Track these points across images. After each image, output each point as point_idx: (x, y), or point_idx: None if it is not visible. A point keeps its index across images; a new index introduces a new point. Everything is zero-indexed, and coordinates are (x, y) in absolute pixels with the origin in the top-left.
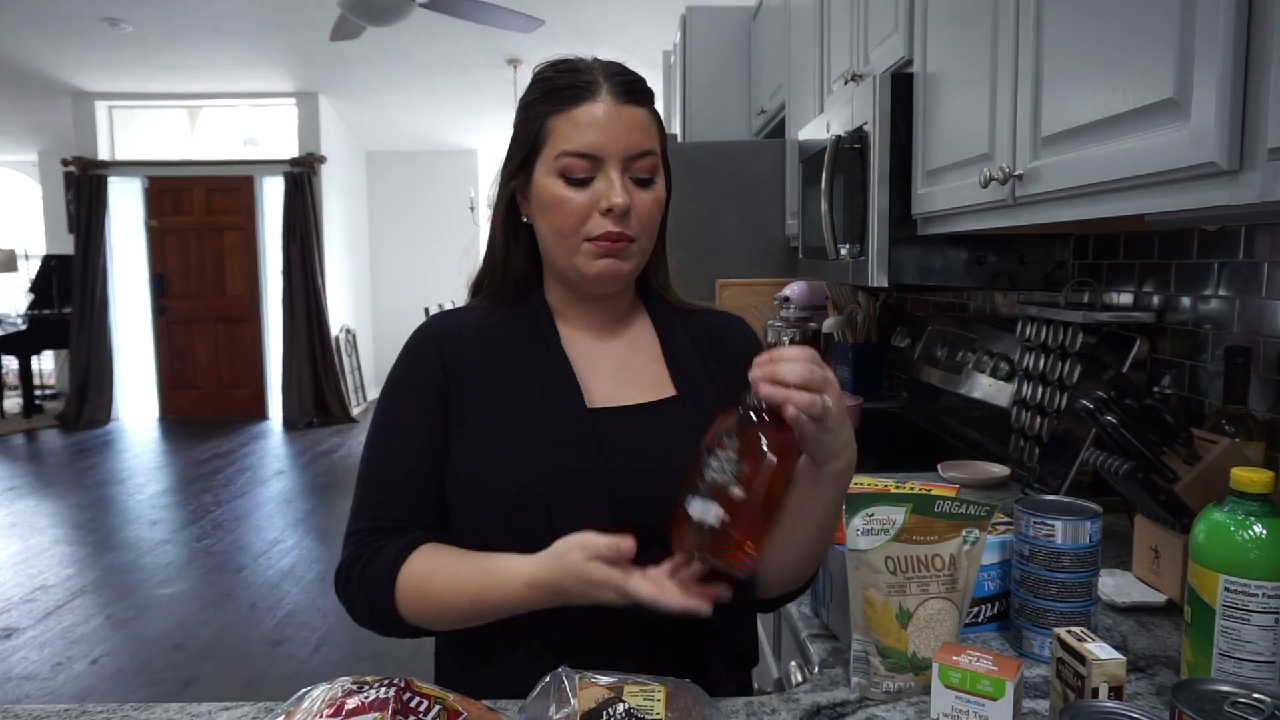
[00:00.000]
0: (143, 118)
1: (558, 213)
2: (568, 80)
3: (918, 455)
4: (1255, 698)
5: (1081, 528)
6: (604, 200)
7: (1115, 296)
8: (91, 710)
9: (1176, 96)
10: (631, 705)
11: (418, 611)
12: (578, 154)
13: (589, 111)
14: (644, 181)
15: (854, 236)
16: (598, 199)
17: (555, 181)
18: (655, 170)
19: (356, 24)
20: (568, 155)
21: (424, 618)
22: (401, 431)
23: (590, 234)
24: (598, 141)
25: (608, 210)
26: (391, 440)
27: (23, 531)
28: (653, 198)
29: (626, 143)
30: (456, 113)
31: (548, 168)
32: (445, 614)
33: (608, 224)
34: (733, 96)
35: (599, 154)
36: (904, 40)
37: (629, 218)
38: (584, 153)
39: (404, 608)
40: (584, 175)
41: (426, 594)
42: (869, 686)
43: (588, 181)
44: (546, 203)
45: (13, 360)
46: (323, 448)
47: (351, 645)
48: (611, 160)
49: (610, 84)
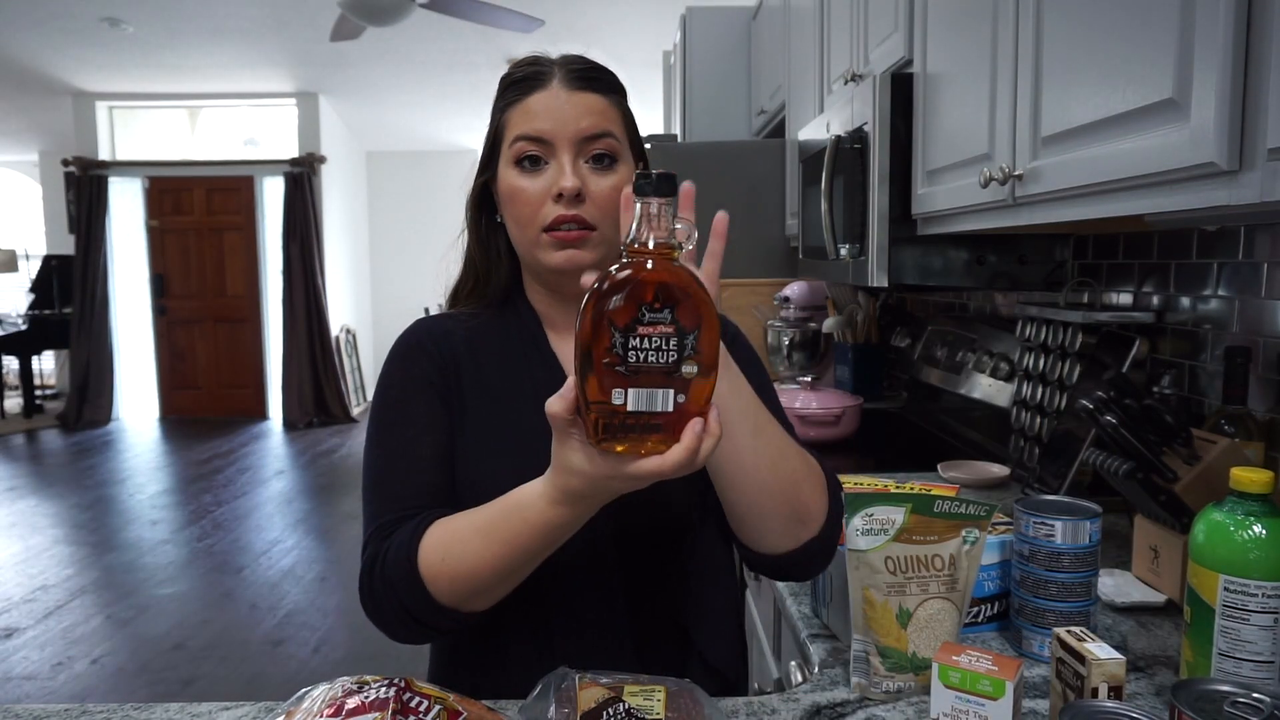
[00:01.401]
0: (143, 118)
1: (515, 202)
2: (523, 73)
3: (918, 455)
4: (1255, 698)
5: (1081, 528)
6: (555, 185)
7: (1115, 296)
8: (92, 710)
9: (1176, 96)
10: (631, 705)
11: (449, 582)
12: (527, 137)
13: (539, 99)
14: (603, 165)
15: (854, 236)
16: (551, 185)
17: (511, 171)
18: (615, 152)
19: (356, 24)
20: (519, 140)
21: (456, 588)
22: (408, 425)
23: (544, 223)
24: (546, 126)
25: (559, 195)
26: (397, 436)
27: (23, 531)
28: (612, 183)
29: (577, 126)
30: (456, 113)
31: (506, 159)
32: (478, 574)
33: (560, 209)
34: (733, 96)
35: (548, 138)
36: (904, 40)
37: (585, 203)
38: (532, 136)
39: (432, 583)
40: (534, 154)
41: (453, 559)
42: (869, 686)
43: (541, 167)
44: (506, 194)
45: (13, 360)
46: (323, 448)
47: (351, 645)
48: (562, 144)
49: (562, 72)
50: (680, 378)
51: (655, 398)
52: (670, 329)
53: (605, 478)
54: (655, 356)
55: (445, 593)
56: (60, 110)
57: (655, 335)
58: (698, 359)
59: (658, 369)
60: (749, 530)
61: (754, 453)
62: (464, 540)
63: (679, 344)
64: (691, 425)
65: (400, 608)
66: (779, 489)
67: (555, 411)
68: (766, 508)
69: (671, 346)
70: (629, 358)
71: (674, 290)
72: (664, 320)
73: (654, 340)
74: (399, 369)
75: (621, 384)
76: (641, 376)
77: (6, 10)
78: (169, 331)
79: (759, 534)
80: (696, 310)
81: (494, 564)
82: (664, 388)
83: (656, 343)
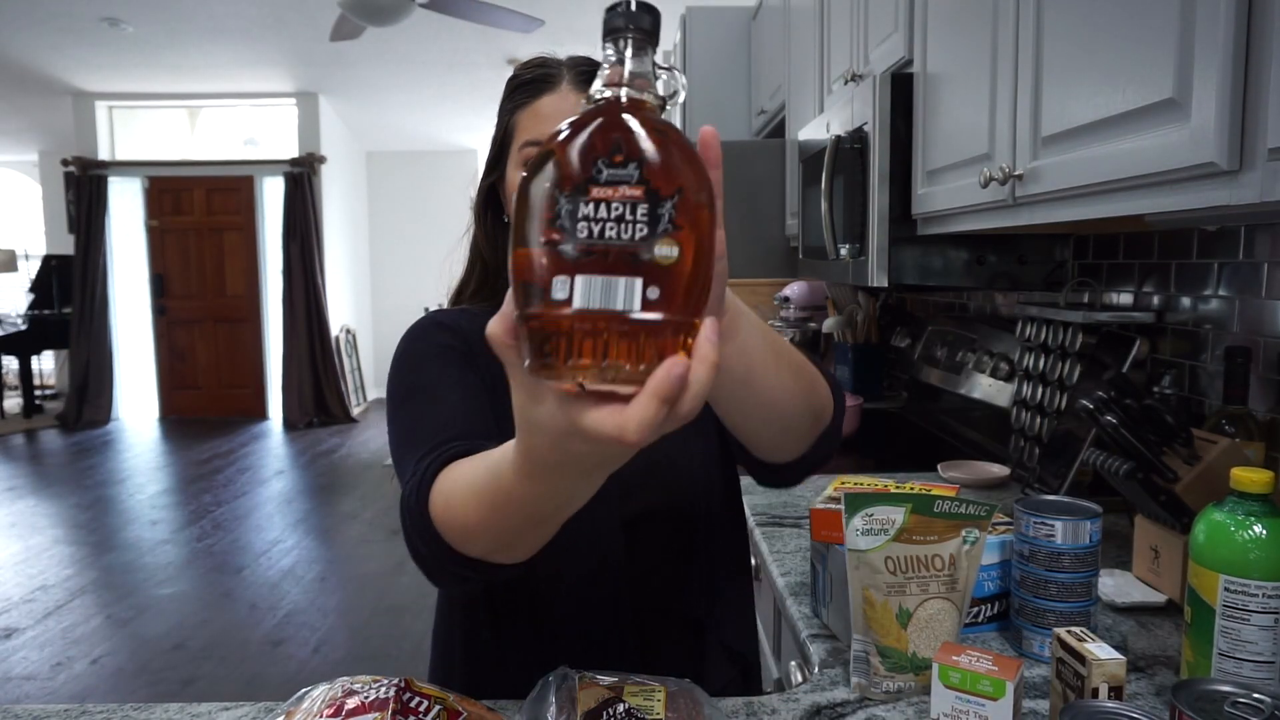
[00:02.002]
0: (143, 118)
1: None
2: (531, 75)
3: (918, 455)
4: (1255, 698)
5: (1081, 528)
6: None
7: (1115, 296)
8: (91, 710)
9: (1176, 96)
10: (631, 705)
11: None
12: (537, 143)
13: (550, 101)
14: None
15: (854, 236)
16: None
17: (520, 173)
18: None
19: (356, 24)
20: (529, 145)
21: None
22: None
23: None
24: None
25: None
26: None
27: (22, 531)
28: None
29: None
30: (456, 113)
31: (514, 161)
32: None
33: None
34: (733, 96)
35: None
36: (904, 40)
37: None
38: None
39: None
40: None
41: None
42: (869, 687)
43: None
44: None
45: (13, 360)
46: (323, 448)
47: (351, 645)
48: None
49: (572, 74)
50: (650, 263)
51: (613, 290)
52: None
53: (563, 433)
54: (614, 229)
55: (459, 543)
56: (60, 110)
57: (616, 201)
58: (676, 237)
59: (615, 248)
60: (770, 447)
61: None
62: (461, 496)
63: (650, 214)
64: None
65: (423, 555)
66: (803, 402)
67: (493, 334)
68: (793, 422)
69: (638, 217)
70: (577, 231)
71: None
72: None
73: (613, 208)
74: (417, 344)
75: (565, 270)
76: (594, 260)
77: (6, 10)
78: (169, 331)
79: (782, 446)
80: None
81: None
82: (626, 275)
83: (617, 210)
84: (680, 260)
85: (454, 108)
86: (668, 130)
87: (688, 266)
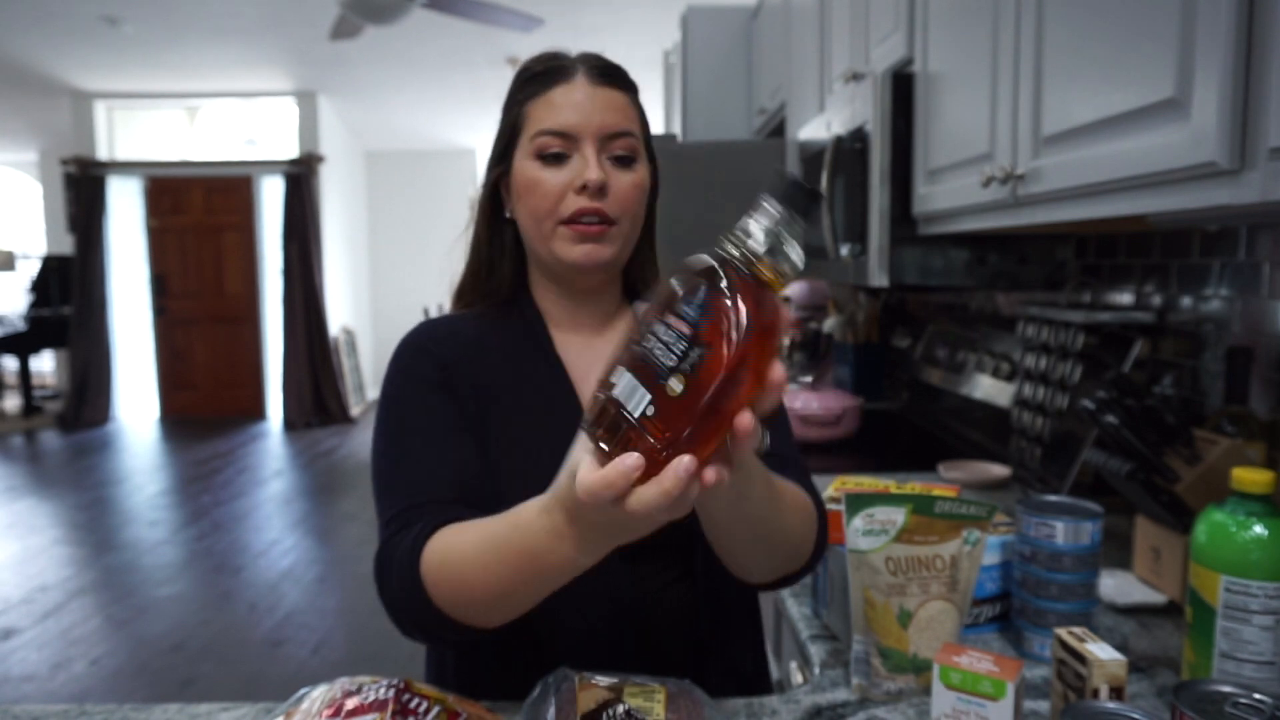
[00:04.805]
0: (142, 117)
1: (534, 194)
2: (544, 67)
3: (918, 455)
4: (1256, 698)
5: (1082, 528)
6: (579, 177)
7: (1116, 296)
8: (91, 711)
9: (1177, 96)
10: (631, 706)
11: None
12: (552, 132)
13: (564, 92)
14: (623, 162)
15: (854, 236)
16: (574, 178)
17: (532, 164)
18: (635, 152)
19: (356, 23)
20: (543, 134)
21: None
22: (412, 420)
23: (564, 215)
24: (572, 120)
25: (583, 187)
26: (402, 432)
27: (22, 532)
28: (633, 180)
29: (602, 121)
30: (456, 113)
31: (525, 151)
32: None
33: (583, 201)
34: (733, 96)
35: (573, 132)
36: (905, 39)
37: (607, 197)
38: (558, 130)
39: (432, 587)
40: (559, 151)
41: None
42: (869, 687)
43: (564, 161)
44: (523, 186)
45: (12, 360)
46: (322, 448)
47: (351, 645)
48: (587, 138)
49: (585, 67)
50: (662, 387)
51: (633, 393)
52: (685, 329)
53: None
54: (659, 351)
55: (448, 604)
56: (59, 110)
57: (671, 329)
58: (689, 381)
59: (652, 365)
60: (736, 567)
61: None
62: (463, 543)
63: (683, 351)
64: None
65: (404, 612)
66: (781, 545)
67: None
68: (762, 557)
69: (676, 349)
70: (644, 339)
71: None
72: (688, 318)
73: (667, 333)
74: (400, 371)
75: (624, 362)
76: (640, 364)
77: (5, 10)
78: (168, 331)
79: (746, 571)
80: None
81: (488, 575)
82: (645, 387)
83: (667, 336)
84: (682, 398)
85: (454, 107)
86: (750, 304)
87: (685, 405)
